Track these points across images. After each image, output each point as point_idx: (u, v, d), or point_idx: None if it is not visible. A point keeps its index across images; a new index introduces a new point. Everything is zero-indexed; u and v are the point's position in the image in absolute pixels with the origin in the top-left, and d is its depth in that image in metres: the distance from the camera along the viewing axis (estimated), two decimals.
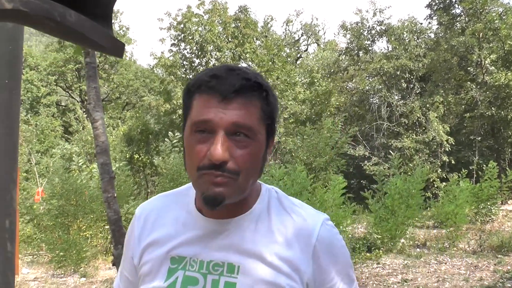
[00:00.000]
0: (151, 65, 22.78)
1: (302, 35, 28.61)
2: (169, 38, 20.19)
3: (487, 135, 18.27)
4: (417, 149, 17.25)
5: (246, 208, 0.99)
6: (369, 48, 20.54)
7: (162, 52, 24.92)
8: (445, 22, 18.77)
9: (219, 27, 19.23)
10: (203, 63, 18.87)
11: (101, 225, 8.46)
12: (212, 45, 18.66)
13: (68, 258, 7.03)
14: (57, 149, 18.84)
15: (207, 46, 18.54)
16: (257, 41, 20.37)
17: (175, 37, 19.47)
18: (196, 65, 19.39)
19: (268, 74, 17.66)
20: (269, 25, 23.89)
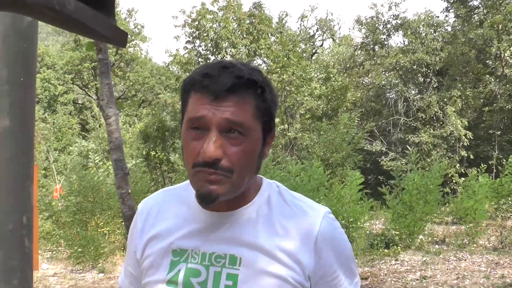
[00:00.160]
0: (166, 63, 22.88)
1: (317, 31, 28.43)
2: (184, 35, 20.30)
3: (507, 129, 17.94)
4: (434, 144, 17.04)
5: (246, 201, 1.00)
6: (385, 42, 20.34)
7: (177, 49, 24.98)
8: (462, 14, 18.45)
9: (234, 23, 19.21)
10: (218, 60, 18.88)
11: (119, 221, 8.53)
12: (226, 42, 18.67)
13: (86, 254, 7.11)
14: (74, 146, 19.12)
15: (221, 43, 18.55)
16: (272, 37, 20.31)
17: (190, 34, 19.53)
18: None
19: (283, 70, 17.58)
20: (283, 21, 23.76)
